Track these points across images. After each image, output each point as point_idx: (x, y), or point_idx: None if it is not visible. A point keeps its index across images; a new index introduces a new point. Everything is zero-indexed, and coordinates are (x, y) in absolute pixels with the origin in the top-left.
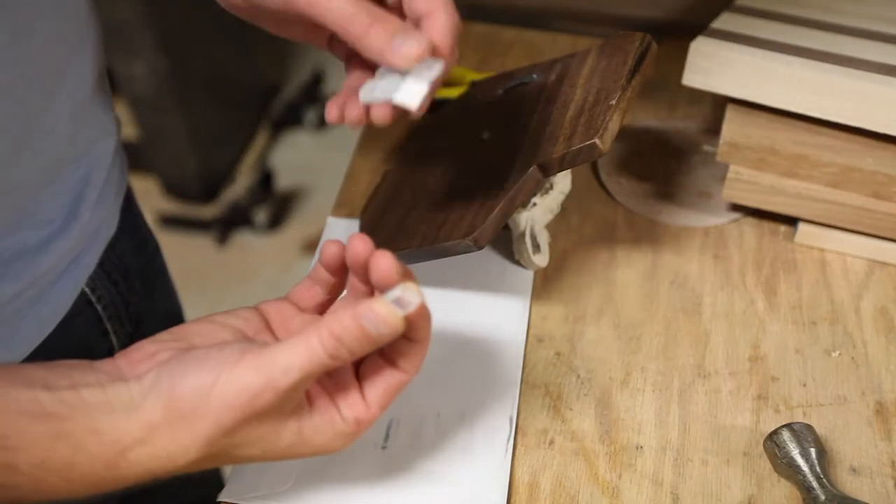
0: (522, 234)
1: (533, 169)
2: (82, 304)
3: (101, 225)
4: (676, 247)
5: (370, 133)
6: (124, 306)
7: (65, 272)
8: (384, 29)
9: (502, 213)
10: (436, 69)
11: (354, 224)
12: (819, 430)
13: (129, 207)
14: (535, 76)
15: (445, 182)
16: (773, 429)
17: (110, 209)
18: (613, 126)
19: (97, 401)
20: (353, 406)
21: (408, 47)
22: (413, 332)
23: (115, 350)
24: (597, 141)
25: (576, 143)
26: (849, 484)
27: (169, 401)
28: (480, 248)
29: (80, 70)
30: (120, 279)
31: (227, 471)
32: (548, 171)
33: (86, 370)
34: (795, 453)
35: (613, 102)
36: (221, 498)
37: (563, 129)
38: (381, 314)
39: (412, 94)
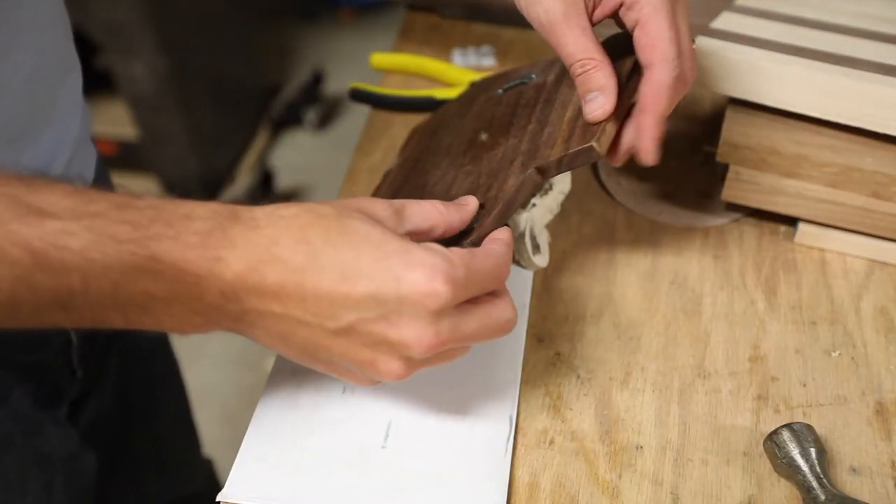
0: (522, 235)
1: (531, 171)
2: None
3: None
4: (676, 247)
5: (370, 133)
6: None
7: None
8: (591, 80)
9: (500, 215)
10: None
11: None
12: (819, 430)
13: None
14: (533, 76)
15: (444, 183)
16: (773, 429)
17: None
18: (611, 129)
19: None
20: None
21: (592, 107)
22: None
23: (71, 340)
24: (594, 144)
25: (573, 145)
26: (849, 484)
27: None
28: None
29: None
30: None
31: (225, 473)
32: (546, 173)
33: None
34: (795, 453)
35: (607, 119)
36: (220, 498)
37: (560, 132)
38: None
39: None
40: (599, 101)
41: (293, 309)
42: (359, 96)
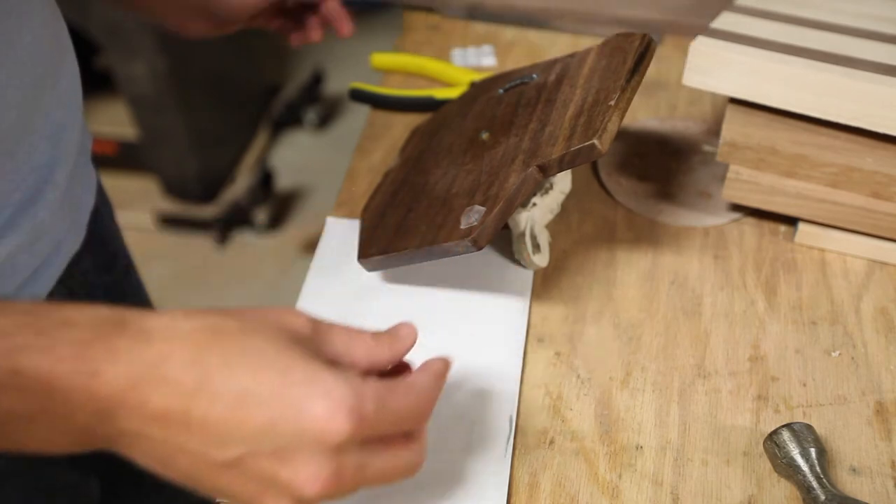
0: (522, 234)
1: (532, 169)
2: None
3: (63, 237)
4: (676, 247)
5: (370, 133)
6: None
7: (23, 286)
8: None
9: (502, 213)
10: None
11: (354, 224)
12: (819, 430)
13: (98, 222)
14: (535, 76)
15: (445, 182)
16: (773, 429)
17: (71, 219)
18: (612, 126)
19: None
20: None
21: None
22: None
23: None
24: (595, 142)
25: (575, 143)
26: (849, 484)
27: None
28: (480, 248)
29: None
30: (84, 297)
31: None
32: (547, 171)
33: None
34: (795, 453)
35: (612, 103)
36: (220, 500)
37: (562, 130)
38: None
39: None
40: None
41: (175, 436)
42: (359, 96)
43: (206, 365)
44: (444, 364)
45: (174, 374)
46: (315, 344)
